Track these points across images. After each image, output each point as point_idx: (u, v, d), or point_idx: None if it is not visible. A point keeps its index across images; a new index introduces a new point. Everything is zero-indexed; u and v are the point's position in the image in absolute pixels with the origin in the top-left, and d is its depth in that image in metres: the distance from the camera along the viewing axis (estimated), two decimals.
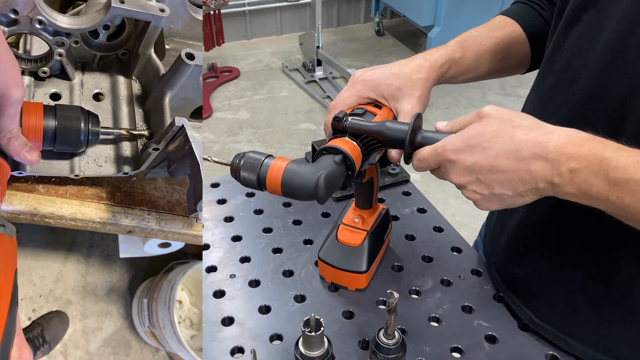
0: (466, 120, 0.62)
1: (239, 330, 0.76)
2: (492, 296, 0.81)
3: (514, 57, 0.82)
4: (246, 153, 0.63)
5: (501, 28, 0.81)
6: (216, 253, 0.90)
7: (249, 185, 0.63)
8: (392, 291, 0.62)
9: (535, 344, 0.74)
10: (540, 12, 0.82)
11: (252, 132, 3.21)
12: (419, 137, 0.65)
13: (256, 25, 4.36)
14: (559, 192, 0.56)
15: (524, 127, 0.56)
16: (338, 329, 0.76)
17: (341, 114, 0.67)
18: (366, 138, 0.67)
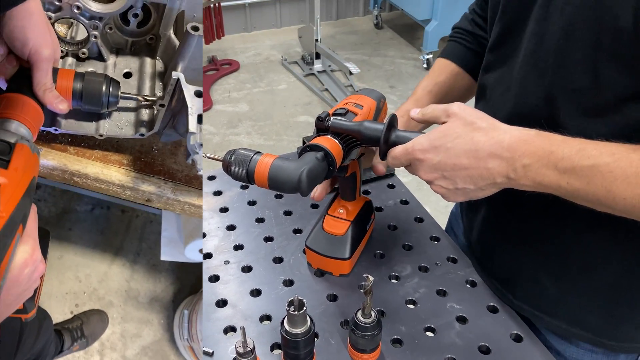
0: (435, 114, 0.69)
1: (232, 312, 0.83)
2: (464, 281, 0.88)
3: (461, 89, 0.96)
4: (237, 150, 0.70)
5: (442, 71, 0.94)
6: (212, 241, 0.97)
7: (239, 179, 0.70)
8: (368, 275, 0.68)
9: (502, 324, 0.81)
10: (467, 45, 0.95)
11: (251, 124, 3.27)
12: (393, 136, 0.72)
13: (256, 18, 4.40)
14: (516, 184, 0.63)
15: (483, 129, 0.63)
16: (322, 310, 0.83)
17: (324, 114, 0.73)
18: (347, 136, 0.74)
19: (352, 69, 3.27)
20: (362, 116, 0.79)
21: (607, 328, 0.78)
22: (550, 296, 0.81)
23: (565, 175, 0.58)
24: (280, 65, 3.94)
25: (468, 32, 0.97)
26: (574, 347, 0.82)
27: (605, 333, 0.79)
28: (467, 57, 0.95)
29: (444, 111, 0.68)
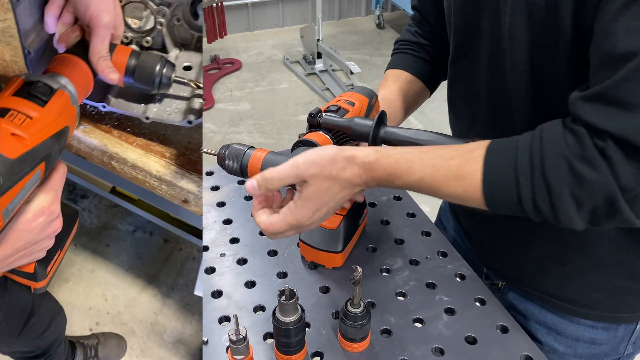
0: (287, 182, 0.71)
1: (227, 302, 0.86)
2: (454, 274, 0.90)
3: (416, 95, 1.01)
4: (231, 144, 0.73)
5: (396, 80, 0.98)
6: (208, 234, 0.99)
7: (233, 173, 0.73)
8: (356, 266, 0.71)
9: (489, 316, 0.83)
10: (416, 55, 1.01)
11: (253, 123, 3.30)
12: (382, 133, 0.75)
13: (258, 18, 4.43)
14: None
15: (340, 171, 0.69)
16: (315, 301, 0.86)
17: (315, 111, 0.76)
18: (338, 132, 0.77)
19: (353, 68, 3.30)
20: (353, 113, 0.82)
21: (610, 302, 0.83)
22: (555, 279, 0.85)
23: (404, 187, 0.71)
24: (282, 64, 3.97)
25: (413, 43, 1.02)
26: (575, 324, 0.86)
27: (607, 307, 0.83)
28: (417, 65, 1.00)
29: (296, 177, 0.70)
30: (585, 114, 0.58)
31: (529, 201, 0.62)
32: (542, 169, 0.60)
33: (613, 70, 0.55)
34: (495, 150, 0.65)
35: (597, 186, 0.57)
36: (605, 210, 0.59)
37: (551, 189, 0.60)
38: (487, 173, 0.64)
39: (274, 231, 0.72)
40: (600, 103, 0.56)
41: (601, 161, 0.56)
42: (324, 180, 0.69)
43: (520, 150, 0.62)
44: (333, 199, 0.71)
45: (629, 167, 0.56)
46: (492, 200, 0.65)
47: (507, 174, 0.62)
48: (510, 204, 0.63)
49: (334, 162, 0.69)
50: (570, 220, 0.61)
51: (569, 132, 0.59)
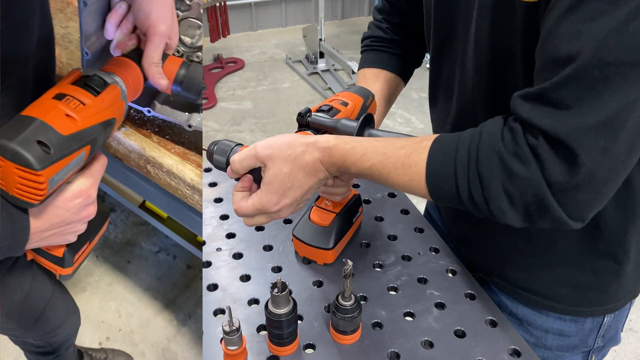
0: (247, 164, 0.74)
1: (222, 295, 0.88)
2: (445, 270, 0.92)
3: (396, 90, 1.04)
4: (220, 140, 0.76)
5: (376, 80, 1.00)
6: (205, 229, 1.01)
7: (220, 168, 0.75)
8: (347, 260, 0.73)
9: (478, 311, 0.85)
10: (390, 51, 1.03)
11: (255, 121, 3.33)
12: (366, 134, 0.78)
13: (261, 17, 4.46)
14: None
15: (300, 155, 0.72)
16: (308, 295, 0.88)
17: (304, 110, 0.78)
18: (325, 132, 0.79)
19: (355, 68, 3.32)
20: (344, 113, 0.83)
21: (574, 296, 0.86)
22: (522, 272, 0.89)
23: (358, 174, 0.74)
24: (284, 64, 3.99)
25: (385, 40, 1.03)
26: (544, 316, 0.89)
27: (573, 301, 0.86)
28: (392, 61, 1.02)
29: (254, 159, 0.73)
30: (522, 111, 0.60)
31: (465, 192, 0.64)
32: (477, 162, 0.62)
33: (553, 72, 0.57)
34: (441, 141, 0.67)
35: (526, 182, 0.59)
36: (536, 208, 0.60)
37: (483, 183, 0.62)
38: (430, 163, 0.66)
39: (241, 212, 0.75)
40: (538, 102, 0.59)
41: (531, 158, 0.58)
42: (283, 164, 0.72)
43: (461, 143, 0.65)
44: (298, 185, 0.73)
45: (557, 165, 0.57)
46: (434, 190, 0.67)
47: (447, 165, 0.65)
48: (450, 195, 0.66)
49: (292, 146, 0.72)
50: (505, 215, 0.63)
51: (507, 129, 0.62)
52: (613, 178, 0.59)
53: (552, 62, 0.57)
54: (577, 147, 0.56)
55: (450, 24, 0.80)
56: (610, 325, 0.90)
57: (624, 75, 0.53)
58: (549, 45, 0.58)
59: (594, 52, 0.53)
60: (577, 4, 0.55)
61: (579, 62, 0.54)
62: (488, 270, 0.96)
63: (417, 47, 0.99)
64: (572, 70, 0.55)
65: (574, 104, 0.56)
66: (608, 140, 0.56)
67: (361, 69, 1.04)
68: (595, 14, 0.53)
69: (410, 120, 3.34)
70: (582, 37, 0.54)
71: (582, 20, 0.54)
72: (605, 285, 0.85)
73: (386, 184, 0.73)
